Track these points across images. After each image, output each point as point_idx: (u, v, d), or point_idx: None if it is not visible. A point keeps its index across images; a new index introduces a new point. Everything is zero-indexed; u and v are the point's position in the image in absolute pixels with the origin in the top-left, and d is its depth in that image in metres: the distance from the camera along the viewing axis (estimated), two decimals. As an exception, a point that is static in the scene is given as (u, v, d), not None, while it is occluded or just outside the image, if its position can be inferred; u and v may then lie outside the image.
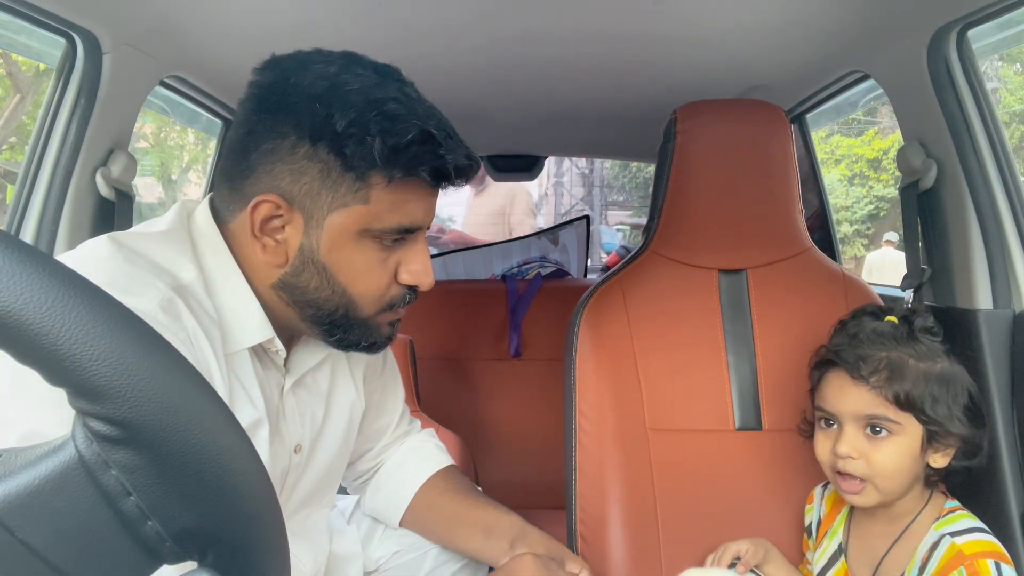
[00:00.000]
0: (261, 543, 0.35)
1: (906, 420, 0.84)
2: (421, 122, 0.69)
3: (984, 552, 0.79)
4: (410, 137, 0.68)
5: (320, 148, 0.68)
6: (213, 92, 1.54)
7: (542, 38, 1.27)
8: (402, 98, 0.70)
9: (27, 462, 0.31)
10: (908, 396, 0.83)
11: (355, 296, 0.75)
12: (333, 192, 0.70)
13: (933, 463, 0.85)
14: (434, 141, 0.69)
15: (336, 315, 0.76)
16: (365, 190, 0.70)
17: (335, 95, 0.68)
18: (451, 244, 2.69)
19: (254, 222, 0.71)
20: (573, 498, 1.09)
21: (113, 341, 0.29)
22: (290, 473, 0.85)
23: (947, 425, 0.83)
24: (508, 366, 2.01)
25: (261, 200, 0.70)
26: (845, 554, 0.94)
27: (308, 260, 0.73)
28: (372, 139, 0.67)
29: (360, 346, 0.79)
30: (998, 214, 1.12)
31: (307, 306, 0.75)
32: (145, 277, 0.66)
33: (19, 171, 1.18)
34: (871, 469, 0.85)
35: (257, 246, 0.73)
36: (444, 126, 0.72)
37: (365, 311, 0.76)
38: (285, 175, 0.70)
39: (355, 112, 0.67)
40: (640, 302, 1.15)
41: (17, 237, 0.30)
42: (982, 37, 1.14)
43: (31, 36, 1.17)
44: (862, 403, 0.85)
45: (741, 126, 1.16)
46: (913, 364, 0.85)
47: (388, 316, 0.79)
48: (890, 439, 0.84)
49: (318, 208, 0.70)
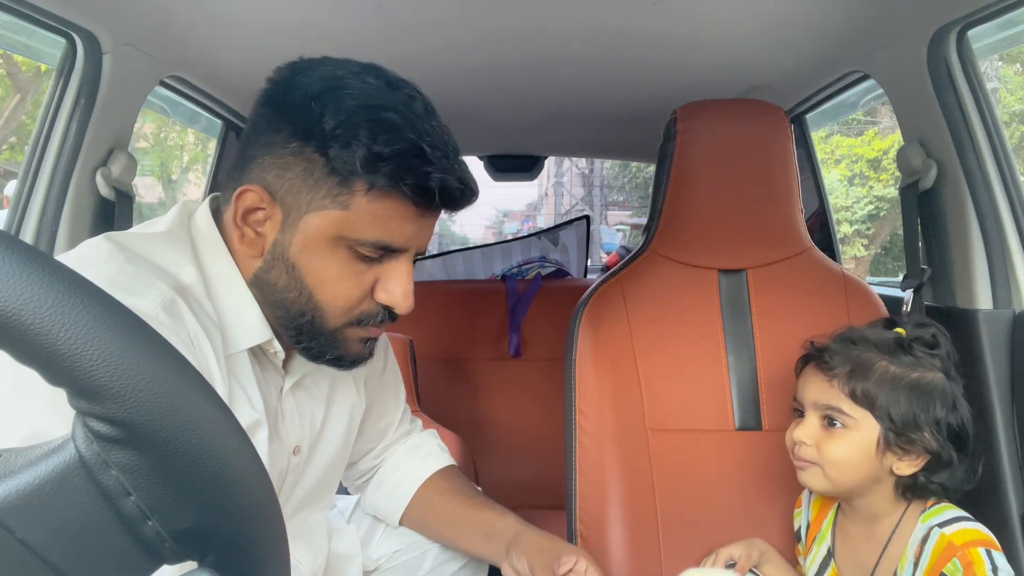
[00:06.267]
0: (261, 543, 0.35)
1: (862, 417, 0.85)
2: (415, 136, 0.67)
3: (974, 541, 0.80)
4: (396, 148, 0.66)
5: (308, 147, 0.67)
6: (213, 92, 1.54)
7: (542, 38, 1.27)
8: (403, 110, 0.68)
9: (27, 462, 0.31)
10: (865, 393, 0.84)
11: (321, 302, 0.72)
12: (314, 192, 0.68)
13: (897, 470, 0.85)
14: (423, 156, 0.67)
15: (303, 320, 0.73)
16: (346, 196, 0.68)
17: (331, 96, 0.67)
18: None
19: (237, 209, 0.71)
20: (573, 498, 1.09)
21: (113, 341, 0.29)
22: (289, 474, 0.85)
23: (907, 431, 0.83)
24: (508, 366, 2.01)
25: (246, 189, 0.70)
26: (834, 559, 0.95)
27: (279, 257, 0.72)
28: (358, 143, 0.66)
29: (327, 359, 0.77)
30: (998, 214, 1.12)
31: (276, 307, 0.74)
32: (147, 278, 0.66)
33: (19, 171, 1.18)
34: (822, 457, 0.87)
35: (237, 234, 0.73)
36: (442, 147, 0.69)
37: (331, 322, 0.74)
38: (272, 169, 0.70)
39: (346, 115, 0.66)
40: (640, 302, 1.15)
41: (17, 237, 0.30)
42: (982, 37, 1.15)
43: (31, 36, 1.18)
44: (821, 393, 0.88)
45: (741, 126, 1.16)
46: (882, 367, 0.85)
47: (358, 332, 0.76)
48: (844, 432, 0.86)
49: (297, 206, 0.70)
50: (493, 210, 26.31)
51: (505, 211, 26.95)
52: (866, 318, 1.00)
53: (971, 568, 0.78)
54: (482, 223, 25.36)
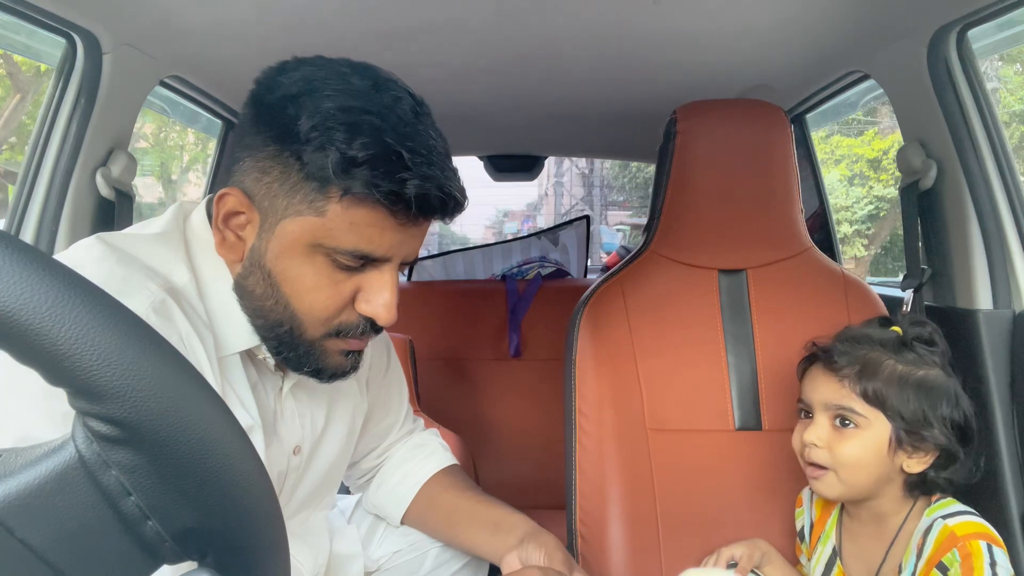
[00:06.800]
0: (261, 543, 0.35)
1: (874, 416, 0.85)
2: (395, 140, 0.63)
3: (976, 533, 0.80)
4: (373, 152, 0.63)
5: (285, 150, 0.65)
6: (213, 92, 1.54)
7: (542, 38, 1.27)
8: (384, 113, 0.65)
9: (27, 462, 0.31)
10: (877, 393, 0.85)
11: (298, 312, 0.70)
12: (290, 198, 0.66)
13: (907, 468, 0.86)
14: (399, 162, 0.63)
15: (281, 330, 0.71)
16: (322, 202, 0.65)
17: (310, 98, 0.64)
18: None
19: (218, 212, 0.70)
20: (573, 498, 1.09)
21: (113, 341, 0.29)
22: (289, 475, 0.85)
23: (918, 428, 0.84)
24: (508, 366, 2.01)
25: (226, 192, 0.69)
26: (840, 558, 0.94)
27: (256, 263, 0.70)
28: (332, 147, 0.62)
29: (305, 370, 0.74)
30: (998, 214, 1.12)
31: (255, 315, 0.72)
32: (137, 279, 0.66)
33: (19, 171, 1.18)
34: (834, 459, 0.87)
35: (218, 237, 0.71)
36: (425, 152, 0.65)
37: (310, 332, 0.71)
38: (252, 172, 0.68)
39: (322, 117, 0.63)
40: (640, 302, 1.15)
41: (17, 237, 0.30)
42: (982, 37, 1.14)
43: (31, 36, 1.17)
44: (832, 393, 0.87)
45: (741, 126, 1.16)
46: (890, 365, 0.86)
47: (338, 343, 0.73)
48: (856, 432, 0.86)
49: (274, 211, 0.67)
50: (493, 210, 26.31)
51: (505, 211, 26.95)
52: (866, 318, 1.00)
53: (969, 560, 0.78)
54: (482, 223, 25.37)
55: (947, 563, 0.80)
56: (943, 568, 0.80)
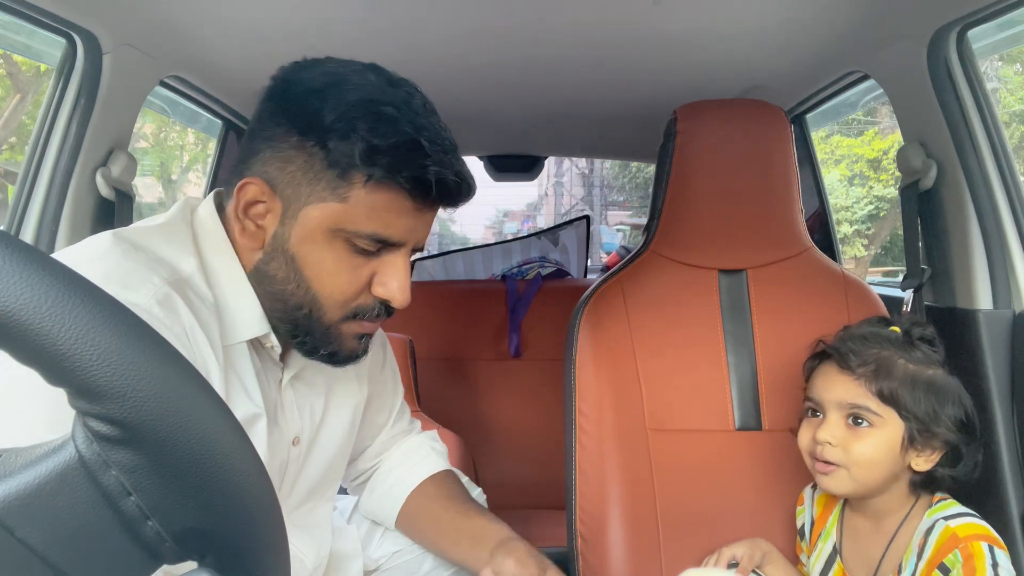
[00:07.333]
0: (261, 543, 0.35)
1: (888, 415, 0.85)
2: (413, 130, 0.68)
3: (978, 535, 0.81)
4: (394, 140, 0.67)
5: (307, 140, 0.69)
6: (213, 92, 1.54)
7: (542, 38, 1.27)
8: (402, 105, 0.70)
9: (27, 462, 0.31)
10: (892, 392, 0.85)
11: (319, 295, 0.73)
12: (313, 185, 0.70)
13: (915, 466, 0.86)
14: (420, 150, 0.68)
15: (300, 314, 0.74)
16: (345, 188, 0.69)
17: (332, 91, 0.69)
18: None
19: (239, 202, 0.72)
20: (573, 498, 1.09)
21: (113, 341, 0.29)
22: (289, 465, 0.86)
23: (930, 426, 0.84)
24: (508, 366, 2.01)
25: (248, 182, 0.71)
26: (840, 555, 0.95)
27: (279, 248, 0.73)
28: (356, 136, 0.67)
29: (321, 354, 0.77)
30: (998, 214, 1.12)
31: (274, 299, 0.75)
32: (142, 272, 0.66)
33: (19, 171, 1.18)
34: (848, 458, 0.86)
35: (238, 226, 0.74)
36: (440, 141, 0.71)
37: (328, 315, 0.74)
38: (273, 162, 0.71)
39: (345, 109, 0.68)
40: (640, 302, 1.15)
41: (17, 237, 0.30)
42: (982, 37, 1.15)
43: (31, 36, 1.18)
44: (847, 393, 0.87)
45: (741, 126, 1.15)
46: (902, 365, 0.86)
47: (353, 327, 0.76)
48: (870, 431, 0.86)
49: (297, 199, 0.71)
50: (493, 210, 26.33)
51: (505, 211, 26.96)
52: (866, 318, 1.00)
53: (971, 561, 0.78)
54: (482, 223, 25.38)
55: (949, 564, 0.80)
56: (945, 569, 0.80)
